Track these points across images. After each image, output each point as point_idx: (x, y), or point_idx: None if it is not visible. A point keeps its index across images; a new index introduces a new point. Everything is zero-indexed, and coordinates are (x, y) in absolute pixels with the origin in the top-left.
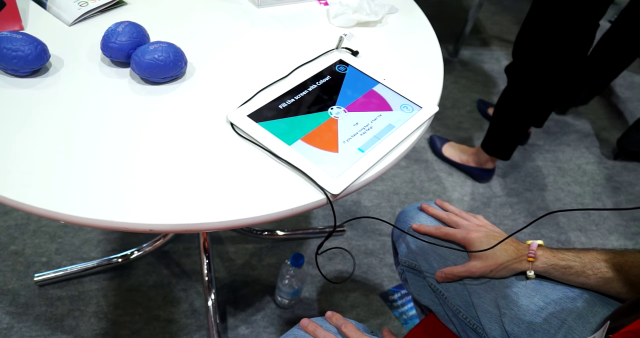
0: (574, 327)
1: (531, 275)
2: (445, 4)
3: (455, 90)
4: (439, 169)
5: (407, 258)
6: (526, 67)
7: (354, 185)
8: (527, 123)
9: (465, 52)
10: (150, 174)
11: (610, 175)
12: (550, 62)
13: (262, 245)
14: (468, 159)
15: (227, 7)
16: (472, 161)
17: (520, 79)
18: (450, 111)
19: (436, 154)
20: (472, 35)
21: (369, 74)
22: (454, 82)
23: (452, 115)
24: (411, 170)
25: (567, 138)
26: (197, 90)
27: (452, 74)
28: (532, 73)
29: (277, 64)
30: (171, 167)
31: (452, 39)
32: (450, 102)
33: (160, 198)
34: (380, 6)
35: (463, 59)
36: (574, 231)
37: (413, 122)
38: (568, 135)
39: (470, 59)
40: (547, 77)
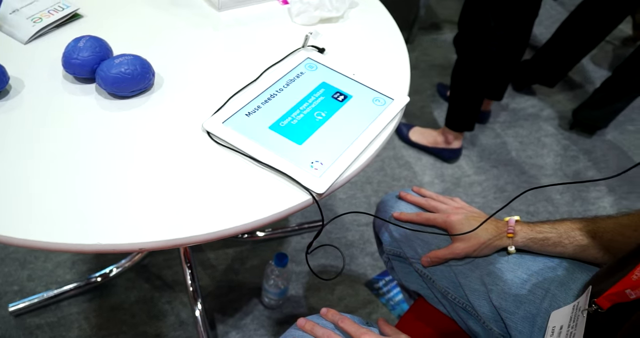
0: (557, 294)
1: (512, 251)
2: None
3: (415, 76)
4: (407, 155)
5: (392, 246)
6: (470, 35)
7: (337, 182)
8: (481, 91)
9: (420, 38)
10: (131, 191)
11: (568, 145)
12: (492, 28)
13: (243, 248)
14: (435, 140)
15: (188, 13)
16: (440, 142)
17: (467, 48)
18: (413, 97)
19: (404, 140)
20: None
21: (338, 70)
22: (414, 68)
23: (414, 101)
24: (381, 159)
25: (525, 113)
26: (168, 101)
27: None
28: (476, 40)
29: (246, 67)
30: (152, 182)
31: (407, 26)
32: (412, 89)
33: (147, 215)
34: (341, 1)
35: (419, 45)
36: (541, 202)
37: (387, 115)
38: (525, 110)
39: (426, 45)
40: (490, 43)
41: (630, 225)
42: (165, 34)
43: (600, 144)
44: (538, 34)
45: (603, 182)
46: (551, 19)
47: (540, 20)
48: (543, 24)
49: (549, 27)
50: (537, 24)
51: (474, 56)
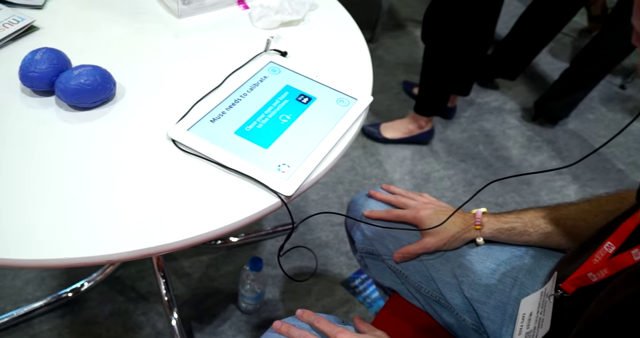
0: (525, 282)
1: (480, 242)
2: None
3: (380, 75)
4: (377, 153)
5: (364, 244)
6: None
7: (305, 183)
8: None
9: (384, 37)
10: (97, 203)
11: (532, 136)
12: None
13: (217, 255)
14: (409, 129)
15: (147, 21)
16: (414, 129)
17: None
18: (379, 96)
19: (379, 140)
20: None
21: (301, 73)
22: (378, 67)
23: (381, 100)
24: (351, 158)
25: (489, 107)
26: (131, 111)
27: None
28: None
29: (209, 73)
30: (119, 193)
31: (369, 26)
32: (377, 87)
33: (116, 227)
34: (301, 4)
35: (383, 43)
36: (509, 193)
37: (351, 115)
38: (490, 104)
39: (390, 44)
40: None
41: (591, 211)
42: (125, 43)
43: (562, 134)
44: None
45: (567, 171)
46: (509, 14)
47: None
48: (502, 19)
49: (508, 22)
50: None
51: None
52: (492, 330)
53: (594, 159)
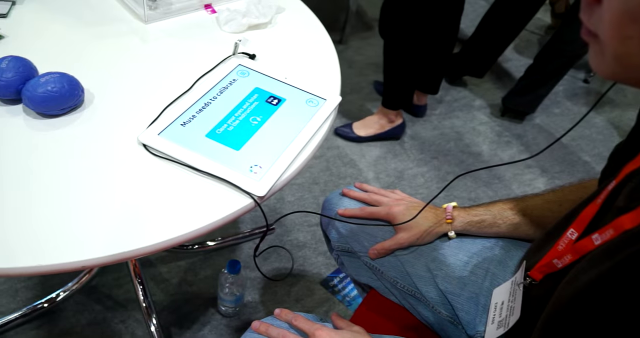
0: (497, 272)
1: (452, 235)
2: None
3: (351, 76)
4: (351, 153)
5: (340, 242)
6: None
7: (278, 183)
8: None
9: (354, 38)
10: (70, 210)
11: (501, 132)
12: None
13: (195, 259)
14: (381, 125)
15: (114, 27)
16: (385, 124)
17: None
18: (350, 96)
19: (354, 139)
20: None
21: (270, 75)
22: (349, 68)
23: (352, 100)
24: (325, 159)
25: (459, 104)
26: (100, 117)
27: (345, 61)
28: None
29: (178, 77)
30: (91, 199)
31: (338, 27)
32: (349, 88)
33: (89, 232)
34: (268, 7)
35: (352, 44)
36: (481, 187)
37: (321, 115)
38: (459, 101)
39: (360, 44)
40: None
41: (555, 201)
42: (92, 49)
43: (530, 128)
44: (464, 28)
45: (536, 165)
46: (475, 12)
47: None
48: (468, 17)
49: (474, 20)
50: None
51: (398, 44)
52: (467, 321)
53: (561, 152)
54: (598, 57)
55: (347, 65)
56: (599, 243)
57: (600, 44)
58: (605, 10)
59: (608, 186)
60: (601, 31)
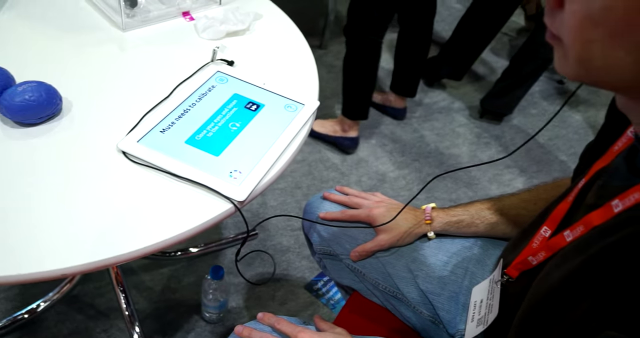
0: (475, 271)
1: (432, 236)
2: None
3: (331, 80)
4: (333, 157)
5: (322, 246)
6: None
7: (258, 188)
8: (370, 80)
9: (333, 43)
10: (49, 218)
11: (480, 133)
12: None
13: (178, 266)
14: (334, 129)
15: (92, 35)
16: (338, 131)
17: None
18: (330, 100)
19: None
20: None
21: (248, 81)
22: (329, 72)
23: (332, 104)
24: (307, 163)
25: (438, 106)
26: (79, 125)
27: (325, 65)
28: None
29: (157, 84)
30: (71, 207)
31: (318, 32)
32: (329, 92)
33: (66, 240)
34: (245, 14)
35: (332, 49)
36: (462, 188)
37: (299, 120)
38: (438, 104)
39: (339, 49)
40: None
41: (530, 199)
42: (70, 58)
43: (508, 129)
44: (441, 31)
45: (514, 165)
46: (452, 16)
47: (443, 17)
48: (446, 21)
49: (451, 23)
50: (440, 21)
51: (361, 47)
52: (448, 320)
53: (539, 152)
54: (562, 60)
55: (327, 70)
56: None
57: (564, 48)
58: (567, 14)
59: (578, 184)
60: (564, 35)
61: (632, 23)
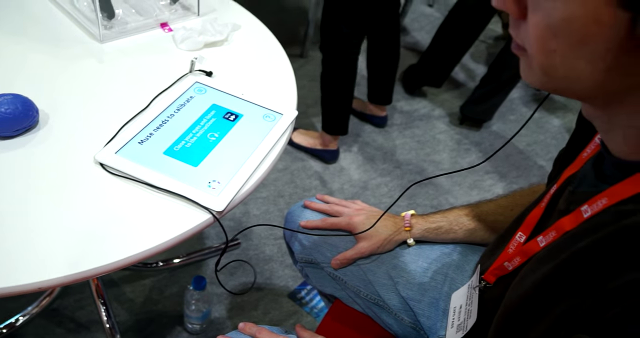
0: (455, 277)
1: (411, 243)
2: (286, 9)
3: (313, 88)
4: (315, 165)
5: (303, 254)
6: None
7: (236, 198)
8: (347, 96)
9: (314, 52)
10: (25, 231)
11: (460, 140)
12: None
13: (160, 277)
14: (314, 142)
15: (68, 46)
16: (318, 144)
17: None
18: (313, 109)
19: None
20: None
21: (227, 91)
22: (311, 81)
23: (314, 113)
24: (290, 171)
25: (419, 114)
26: (56, 137)
27: (307, 74)
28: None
29: (135, 96)
30: (48, 220)
31: (300, 41)
32: (312, 100)
33: (43, 253)
34: (224, 25)
35: (313, 57)
36: (443, 194)
37: (278, 129)
38: (419, 111)
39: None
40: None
41: (507, 205)
42: (47, 70)
43: (487, 135)
44: (421, 40)
45: (494, 171)
46: (431, 25)
47: (422, 26)
48: (425, 29)
49: (430, 32)
50: (419, 29)
51: (336, 63)
52: (428, 326)
53: (518, 157)
54: (527, 69)
55: (309, 79)
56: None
57: (529, 58)
58: (530, 26)
59: (550, 190)
60: (528, 45)
61: (589, 34)
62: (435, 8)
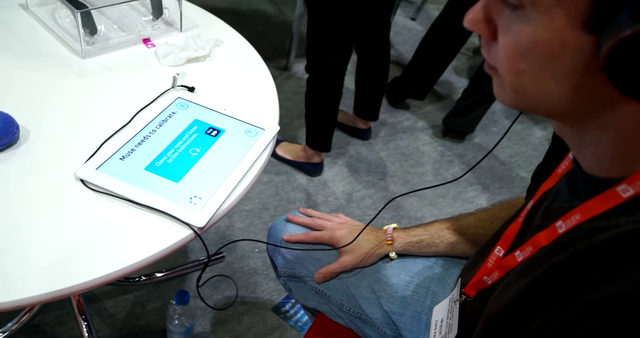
0: (437, 291)
1: (394, 256)
2: (270, 23)
3: (297, 101)
4: (300, 178)
5: (286, 268)
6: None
7: (218, 213)
8: (330, 115)
9: (298, 65)
10: (4, 249)
11: (444, 151)
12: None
13: (142, 292)
14: (298, 155)
15: (49, 62)
16: (301, 157)
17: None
18: (298, 121)
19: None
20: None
21: (209, 107)
22: (295, 93)
23: (298, 126)
24: (274, 184)
25: (402, 126)
26: (36, 153)
27: (291, 87)
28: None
29: (117, 111)
30: (27, 236)
31: (284, 54)
32: (296, 113)
33: (21, 271)
34: (206, 41)
35: (298, 70)
36: (427, 206)
37: (260, 144)
38: (402, 124)
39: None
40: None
41: (487, 219)
42: (27, 86)
43: (470, 147)
44: (404, 53)
45: (477, 183)
46: (414, 38)
47: (405, 39)
48: (408, 42)
49: (413, 45)
50: (403, 43)
51: (321, 85)
52: None
53: (501, 169)
54: (500, 89)
55: (294, 91)
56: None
57: (500, 77)
58: (500, 47)
59: (527, 205)
60: (499, 65)
61: (556, 56)
62: (418, 21)
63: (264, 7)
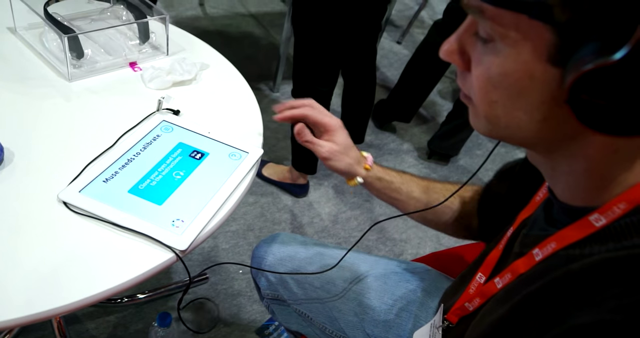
0: (419, 314)
1: (359, 181)
2: (258, 45)
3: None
4: (285, 199)
5: (269, 290)
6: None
7: (201, 236)
8: None
9: (285, 87)
10: None
11: (428, 174)
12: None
13: (125, 313)
14: (284, 176)
15: (35, 85)
16: (287, 178)
17: None
18: (284, 142)
19: (257, 175)
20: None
21: (194, 130)
22: None
23: (286, 146)
24: (260, 205)
25: (388, 148)
26: (20, 175)
27: None
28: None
29: (101, 134)
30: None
31: (271, 76)
32: (282, 134)
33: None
34: (192, 65)
35: (285, 92)
36: (411, 228)
37: (243, 168)
38: (388, 145)
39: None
40: None
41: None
42: (13, 108)
43: (455, 170)
44: (390, 76)
45: None
46: (399, 61)
47: (391, 63)
48: (394, 66)
49: (399, 68)
50: (389, 65)
51: None
52: None
53: None
54: (475, 118)
55: None
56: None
57: (474, 107)
58: (473, 77)
59: (507, 232)
60: (473, 95)
61: (524, 87)
62: (404, 45)
63: (252, 30)
